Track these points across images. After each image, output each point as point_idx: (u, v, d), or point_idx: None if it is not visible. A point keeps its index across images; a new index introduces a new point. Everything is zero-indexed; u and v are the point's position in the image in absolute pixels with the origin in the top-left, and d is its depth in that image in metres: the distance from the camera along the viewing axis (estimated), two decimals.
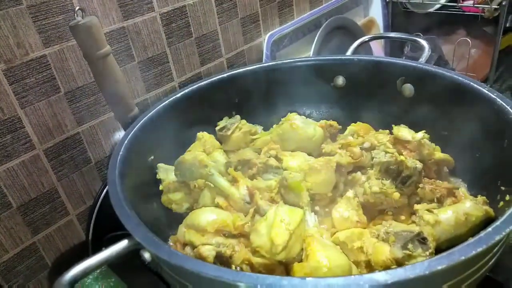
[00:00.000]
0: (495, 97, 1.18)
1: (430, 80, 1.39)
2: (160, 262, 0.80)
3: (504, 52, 3.21)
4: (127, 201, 0.93)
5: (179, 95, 1.49)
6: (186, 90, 1.54)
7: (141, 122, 1.35)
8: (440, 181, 1.23)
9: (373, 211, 1.21)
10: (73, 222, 1.87)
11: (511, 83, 3.37)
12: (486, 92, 1.22)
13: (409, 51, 3.06)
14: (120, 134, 1.89)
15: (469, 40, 3.01)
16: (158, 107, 1.42)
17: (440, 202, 1.16)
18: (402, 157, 1.17)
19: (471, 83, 1.26)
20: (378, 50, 3.27)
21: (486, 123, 1.23)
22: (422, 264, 0.65)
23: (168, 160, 1.41)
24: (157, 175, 1.32)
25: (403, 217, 1.18)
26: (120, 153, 1.17)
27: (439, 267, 0.63)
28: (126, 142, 1.19)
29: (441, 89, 1.36)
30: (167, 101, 1.46)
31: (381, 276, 0.64)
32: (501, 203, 1.06)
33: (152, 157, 1.32)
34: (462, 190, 1.22)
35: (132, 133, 1.26)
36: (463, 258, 0.65)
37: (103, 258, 0.76)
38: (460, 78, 1.28)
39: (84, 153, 1.82)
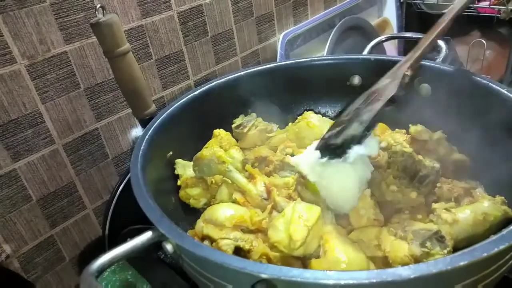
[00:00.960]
0: None
1: (448, 80, 1.39)
2: (183, 254, 0.81)
3: None
4: (149, 194, 0.95)
5: (197, 92, 1.51)
6: (204, 88, 1.56)
7: (160, 118, 1.37)
8: (457, 181, 1.23)
9: (390, 210, 1.22)
10: (89, 216, 1.90)
11: None
12: (506, 92, 1.22)
13: None
14: (136, 130, 1.92)
15: (483, 42, 2.99)
16: (177, 105, 1.44)
17: (457, 201, 1.16)
18: (419, 157, 1.17)
19: (490, 83, 1.26)
20: (391, 50, 3.27)
21: (505, 124, 1.22)
22: (445, 260, 0.66)
23: (186, 156, 1.43)
24: (175, 171, 1.34)
25: (420, 216, 1.18)
26: (142, 147, 1.19)
27: (461, 263, 0.64)
28: (147, 137, 1.21)
29: (459, 89, 1.36)
30: (185, 99, 1.48)
31: (403, 271, 0.65)
32: None
33: (171, 153, 1.34)
34: (479, 190, 1.21)
35: (152, 129, 1.28)
36: (485, 255, 0.65)
37: (129, 249, 0.78)
38: (478, 78, 1.28)
39: (102, 149, 1.85)
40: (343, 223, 1.17)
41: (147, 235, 0.83)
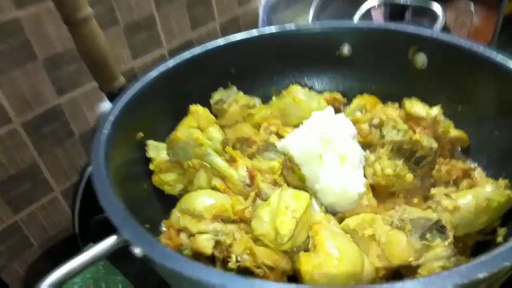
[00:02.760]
0: None
1: (446, 50, 1.26)
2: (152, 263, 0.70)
3: (506, 19, 3.08)
4: (114, 189, 0.82)
5: (170, 64, 1.34)
6: (179, 59, 1.38)
7: (128, 94, 1.21)
8: (455, 160, 1.13)
9: (383, 194, 1.13)
10: (57, 199, 1.76)
11: None
12: (508, 65, 1.11)
13: (411, 17, 2.90)
14: (106, 105, 1.75)
15: (471, 7, 2.86)
16: (147, 78, 1.28)
17: (455, 184, 1.07)
18: (417, 136, 1.07)
19: (492, 55, 1.14)
20: (377, 17, 3.10)
21: (506, 98, 1.12)
22: (460, 271, 0.56)
23: (159, 136, 1.28)
24: (147, 153, 1.20)
25: (416, 200, 1.10)
26: (105, 129, 1.04)
27: (480, 276, 0.54)
28: (111, 117, 1.06)
29: (458, 60, 1.24)
30: (156, 71, 1.31)
31: (412, 286, 0.55)
32: None
33: (142, 134, 1.19)
34: (478, 171, 1.13)
35: (118, 107, 1.12)
36: (506, 264, 0.56)
37: (89, 258, 0.66)
38: (480, 49, 1.16)
39: (66, 126, 1.69)
40: (333, 210, 1.07)
41: (110, 241, 0.70)
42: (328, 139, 1.07)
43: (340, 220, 1.05)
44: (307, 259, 0.90)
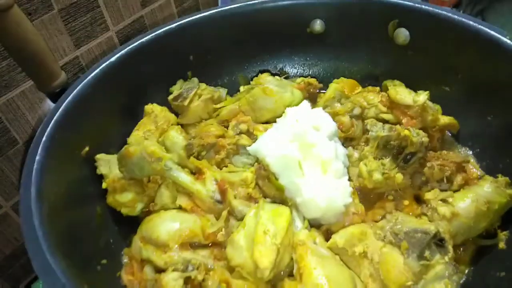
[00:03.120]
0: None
1: (430, 22, 1.12)
2: None
3: None
4: (47, 237, 0.66)
5: (114, 57, 1.14)
6: (129, 48, 1.18)
7: (69, 98, 1.01)
8: (446, 152, 1.02)
9: (371, 196, 1.01)
10: (8, 214, 1.56)
11: (481, 7, 3.17)
12: (502, 38, 0.98)
13: None
14: (50, 105, 1.53)
15: None
16: (89, 77, 1.08)
17: (450, 181, 0.96)
18: (406, 131, 0.94)
19: (484, 27, 1.01)
20: None
21: (499, 75, 1.01)
22: None
23: (111, 146, 1.10)
24: (97, 170, 1.02)
25: (406, 202, 0.99)
26: (39, 152, 0.85)
27: None
28: (44, 138, 0.87)
29: (444, 33, 1.11)
30: (100, 67, 1.11)
31: None
32: None
33: (87, 149, 1.01)
34: (472, 163, 1.03)
35: (53, 121, 0.93)
36: None
37: None
38: (471, 21, 1.03)
39: (6, 133, 1.46)
40: (317, 223, 0.95)
41: None
42: (307, 143, 0.93)
43: (326, 233, 0.94)
44: None
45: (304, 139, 0.94)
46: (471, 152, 1.08)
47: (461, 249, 0.89)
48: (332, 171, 0.93)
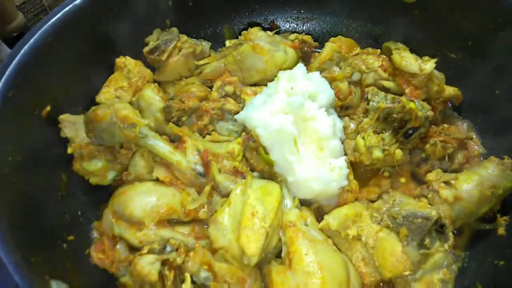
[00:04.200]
0: None
1: None
2: None
3: None
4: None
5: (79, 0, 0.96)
6: None
7: (24, 48, 0.85)
8: (447, 126, 0.95)
9: (366, 172, 0.94)
10: None
11: None
12: None
13: None
14: (7, 51, 1.33)
15: None
16: (50, 22, 0.90)
17: (451, 159, 0.90)
18: (412, 104, 0.85)
19: None
20: None
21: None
22: None
23: (77, 104, 0.97)
24: (62, 132, 0.89)
25: (403, 180, 0.93)
26: None
27: None
28: (3, 82, 0.73)
29: None
30: (63, 11, 0.93)
31: None
32: None
33: (49, 108, 0.87)
34: (475, 140, 0.96)
35: (10, 69, 0.78)
36: None
37: None
38: None
39: None
40: (308, 201, 0.88)
41: None
42: (303, 116, 0.83)
43: (317, 212, 0.87)
44: (282, 278, 0.72)
45: (301, 111, 0.83)
46: (473, 127, 1.01)
47: (456, 233, 0.84)
48: (328, 149, 0.84)
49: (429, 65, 0.93)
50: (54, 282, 0.64)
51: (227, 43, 1.13)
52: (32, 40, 0.86)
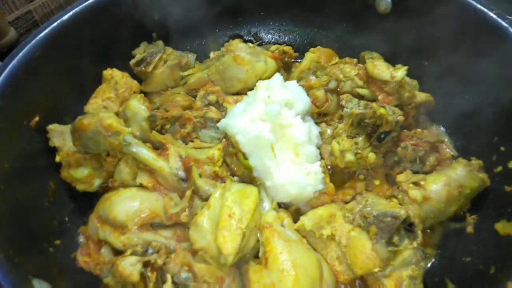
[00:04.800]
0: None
1: None
2: None
3: None
4: None
5: (68, 15, 1.01)
6: (83, 5, 1.04)
7: (14, 62, 0.89)
8: (420, 130, 0.99)
9: (341, 175, 0.98)
10: None
11: None
12: (488, 13, 0.93)
13: None
14: None
15: None
16: (38, 37, 0.95)
17: (422, 162, 0.94)
18: (382, 110, 0.89)
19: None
20: None
21: (481, 50, 0.96)
22: None
23: (66, 114, 1.01)
24: (50, 142, 0.93)
25: (377, 182, 0.97)
26: None
27: None
28: None
29: (428, 3, 1.04)
30: (52, 26, 0.98)
31: None
32: (499, 168, 0.86)
33: (37, 118, 0.91)
34: (446, 143, 1.01)
35: (3, 77, 0.83)
36: None
37: None
38: None
39: None
40: (285, 204, 0.91)
41: None
42: (280, 124, 0.88)
43: (295, 213, 0.91)
44: (258, 276, 0.75)
45: (278, 119, 0.88)
46: (445, 131, 1.05)
47: (429, 232, 0.87)
48: (304, 154, 0.88)
49: (399, 72, 0.98)
50: (37, 281, 0.67)
51: (211, 54, 1.18)
52: (21, 53, 0.90)
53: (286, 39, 1.31)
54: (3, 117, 0.81)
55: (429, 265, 0.86)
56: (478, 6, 0.94)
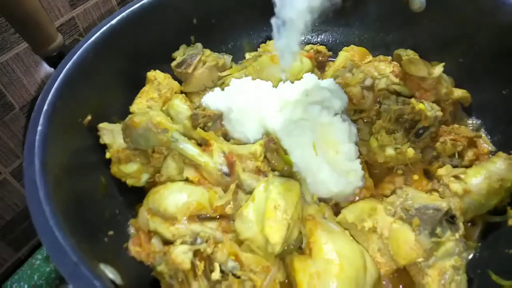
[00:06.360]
0: None
1: None
2: None
3: None
4: (57, 220, 0.64)
5: (115, 20, 1.07)
6: (126, 12, 1.10)
7: (69, 64, 0.95)
8: (457, 126, 1.00)
9: (380, 170, 1.00)
10: (7, 180, 1.54)
11: None
12: None
13: None
14: (46, 69, 1.47)
15: None
16: (89, 41, 1.01)
17: (461, 156, 0.95)
18: (421, 105, 0.91)
19: None
20: None
21: None
22: None
23: (114, 114, 1.07)
24: (100, 139, 0.99)
25: (416, 177, 0.98)
26: (41, 119, 0.82)
27: None
28: (46, 107, 0.83)
29: (462, 1, 1.05)
30: (101, 31, 1.04)
31: None
32: None
33: (90, 118, 0.97)
34: (484, 138, 1.01)
35: (58, 82, 0.89)
36: None
37: None
38: None
39: (1, 98, 1.41)
40: (326, 199, 0.94)
41: None
42: (320, 122, 0.91)
43: (335, 207, 0.93)
44: (303, 266, 0.78)
45: (318, 118, 0.91)
46: (482, 127, 1.05)
47: (470, 225, 0.88)
48: (344, 152, 0.91)
49: (437, 69, 0.99)
50: (102, 264, 0.72)
51: (247, 55, 1.23)
52: (75, 56, 0.97)
53: (318, 39, 1.34)
54: (61, 116, 0.87)
55: (471, 256, 0.86)
56: None
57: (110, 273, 0.72)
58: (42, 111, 0.81)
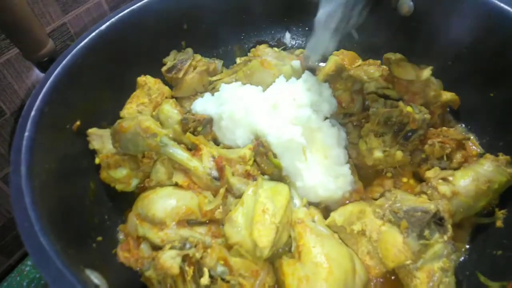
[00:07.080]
0: None
1: None
2: None
3: None
4: (41, 224, 0.63)
5: (104, 26, 1.07)
6: (116, 17, 1.11)
7: (57, 70, 0.96)
8: (446, 129, 1.01)
9: (369, 173, 1.00)
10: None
11: None
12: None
13: None
14: (38, 74, 1.46)
15: None
16: (78, 47, 1.02)
17: (449, 159, 0.95)
18: (408, 108, 0.92)
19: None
20: None
21: (507, 50, 0.97)
22: None
23: (104, 119, 1.07)
24: (90, 145, 0.99)
25: (405, 179, 0.98)
26: (26, 133, 0.80)
27: None
28: (33, 112, 0.83)
29: (450, 4, 1.06)
30: (90, 36, 1.05)
31: None
32: None
33: (78, 123, 0.97)
34: (472, 140, 1.02)
35: (46, 88, 0.89)
36: None
37: None
38: None
39: None
40: (315, 202, 0.94)
41: None
42: (310, 127, 0.91)
43: (324, 210, 0.93)
44: (292, 269, 0.78)
45: (308, 123, 0.91)
46: (470, 129, 1.06)
47: (457, 229, 0.88)
48: (333, 157, 0.91)
49: (425, 72, 1.00)
50: (88, 270, 0.71)
51: (238, 60, 1.23)
52: (64, 61, 0.97)
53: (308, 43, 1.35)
54: (49, 121, 0.87)
55: (461, 259, 0.87)
56: (503, 6, 0.95)
57: (95, 278, 0.71)
58: (30, 116, 0.81)
